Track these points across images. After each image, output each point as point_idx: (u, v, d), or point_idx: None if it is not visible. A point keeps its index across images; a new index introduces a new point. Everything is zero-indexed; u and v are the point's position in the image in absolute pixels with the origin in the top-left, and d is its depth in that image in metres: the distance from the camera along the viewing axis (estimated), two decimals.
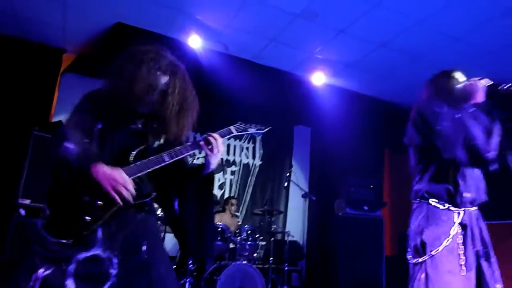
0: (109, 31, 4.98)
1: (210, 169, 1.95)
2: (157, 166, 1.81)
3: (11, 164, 4.56)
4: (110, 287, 1.62)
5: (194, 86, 1.98)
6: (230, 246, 4.87)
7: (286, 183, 6.01)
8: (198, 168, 1.98)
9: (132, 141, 1.86)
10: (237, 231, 5.02)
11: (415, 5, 4.15)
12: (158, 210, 1.89)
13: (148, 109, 1.85)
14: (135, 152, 1.82)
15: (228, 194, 6.73)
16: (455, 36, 4.62)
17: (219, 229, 4.83)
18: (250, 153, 7.17)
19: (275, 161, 7.23)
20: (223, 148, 1.92)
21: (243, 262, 4.53)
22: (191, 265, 4.60)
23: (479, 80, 2.07)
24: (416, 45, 4.87)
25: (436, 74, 2.28)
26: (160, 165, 1.81)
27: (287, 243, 5.35)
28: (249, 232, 4.94)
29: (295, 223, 6.70)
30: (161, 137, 1.97)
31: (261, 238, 5.20)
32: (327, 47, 5.09)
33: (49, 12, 4.70)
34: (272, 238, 5.15)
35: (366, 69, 5.57)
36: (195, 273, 4.67)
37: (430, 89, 2.24)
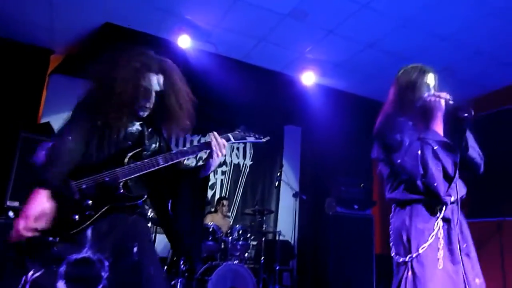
0: (97, 31, 4.94)
1: (210, 171, 1.93)
2: (151, 170, 1.81)
3: None
4: None
5: None
6: (222, 246, 4.87)
7: (277, 183, 6.03)
8: (195, 169, 1.97)
9: (128, 143, 1.86)
10: (229, 231, 5.02)
11: (403, 6, 4.19)
12: (149, 212, 1.88)
13: (146, 113, 1.87)
14: (130, 154, 1.82)
15: (219, 194, 6.72)
16: (443, 36, 4.67)
17: (210, 229, 4.82)
18: (240, 153, 7.18)
19: (266, 161, 7.25)
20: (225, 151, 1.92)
21: (234, 262, 4.54)
22: (182, 265, 4.59)
23: (442, 97, 2.00)
24: (404, 45, 4.91)
25: (408, 69, 2.23)
26: (154, 168, 1.81)
27: (278, 242, 5.37)
28: (240, 232, 4.95)
29: (286, 222, 6.71)
30: (157, 140, 1.98)
31: (252, 238, 5.21)
32: (316, 47, 5.11)
33: (36, 13, 4.65)
34: (263, 238, 5.16)
35: (355, 69, 5.61)
36: (186, 274, 4.66)
37: (397, 89, 2.19)
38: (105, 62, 1.85)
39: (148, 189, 1.91)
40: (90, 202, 1.70)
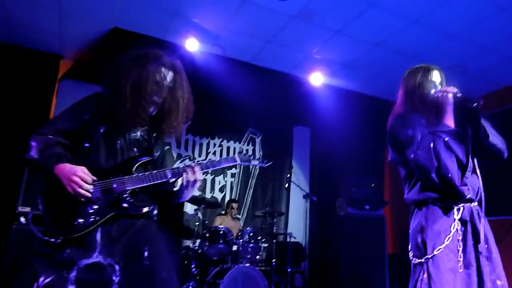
0: (106, 36, 4.97)
1: (182, 199, 1.92)
2: (159, 181, 1.82)
3: (11, 172, 4.55)
4: None
5: (192, 89, 2.01)
6: (232, 249, 4.86)
7: (286, 184, 6.01)
8: (169, 194, 1.96)
9: (134, 150, 1.87)
10: (239, 233, 5.01)
11: (411, 4, 4.15)
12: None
13: (155, 109, 1.89)
14: (139, 163, 1.83)
15: (229, 196, 6.72)
16: (452, 34, 4.62)
17: (221, 232, 4.82)
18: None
19: (275, 163, 7.20)
20: (200, 183, 1.90)
21: (245, 265, 4.52)
22: (193, 269, 4.59)
23: (448, 91, 2.04)
24: (412, 44, 4.87)
25: (413, 70, 2.25)
26: (162, 180, 1.82)
27: (289, 244, 5.34)
28: (251, 234, 4.93)
29: (297, 224, 6.69)
30: (161, 148, 1.98)
31: (263, 240, 5.19)
32: (324, 47, 5.09)
33: (45, 19, 4.69)
34: (274, 240, 5.14)
35: (363, 69, 5.57)
36: (198, 277, 4.66)
37: (404, 91, 2.21)
38: (119, 63, 1.89)
39: (154, 199, 1.91)
40: (96, 207, 1.70)
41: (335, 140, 6.81)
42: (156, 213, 1.91)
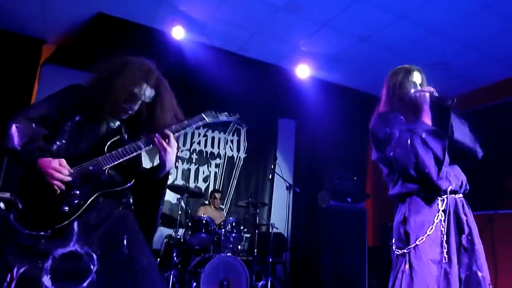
0: (90, 21, 4.87)
1: (167, 168, 1.88)
2: (133, 154, 1.81)
3: None
4: (90, 283, 1.60)
5: (177, 78, 2.01)
6: (215, 238, 4.87)
7: (270, 176, 6.02)
8: (153, 169, 1.94)
9: (108, 133, 1.87)
10: (222, 223, 5.02)
11: (397, 0, 4.18)
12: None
13: (126, 116, 1.90)
14: (109, 142, 1.82)
15: (213, 187, 6.72)
16: (436, 30, 4.67)
17: (204, 221, 4.82)
18: (234, 146, 7.17)
19: (260, 154, 7.24)
20: (176, 144, 1.90)
21: (227, 254, 4.54)
22: (175, 257, 4.59)
23: (426, 90, 2.12)
24: (398, 39, 4.91)
25: (395, 71, 2.32)
26: (136, 152, 1.81)
27: (272, 235, 5.38)
28: (233, 224, 4.95)
29: (280, 215, 6.72)
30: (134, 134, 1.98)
31: (246, 230, 5.22)
32: (310, 40, 5.09)
33: (28, 2, 4.58)
34: (257, 230, 5.16)
35: (349, 62, 5.60)
36: (179, 266, 4.67)
37: (386, 91, 2.29)
38: (112, 62, 1.88)
39: (133, 176, 1.89)
40: (78, 192, 1.69)
41: (320, 133, 6.85)
42: (132, 202, 1.91)
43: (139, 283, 1.65)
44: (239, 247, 5.07)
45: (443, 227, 1.96)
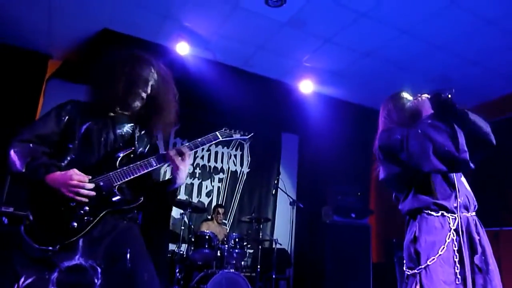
0: (95, 37, 4.94)
1: (177, 184, 1.89)
2: (145, 171, 1.80)
3: None
4: None
5: (182, 93, 2.02)
6: (218, 254, 4.83)
7: (274, 191, 6.00)
8: (163, 183, 1.95)
9: (119, 145, 1.86)
10: (225, 239, 4.99)
11: (400, 15, 4.21)
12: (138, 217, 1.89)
13: (139, 103, 1.92)
14: (122, 155, 1.81)
15: (216, 201, 6.69)
16: (439, 45, 4.69)
17: (207, 237, 4.79)
18: (238, 161, 7.16)
19: (263, 169, 7.23)
20: (190, 161, 1.91)
21: (230, 270, 4.50)
22: (178, 273, 4.55)
23: (420, 95, 2.13)
24: (401, 54, 4.94)
25: (386, 99, 2.33)
26: (148, 170, 1.81)
27: (275, 250, 5.34)
28: (236, 240, 4.91)
29: (283, 230, 6.68)
30: (147, 144, 1.97)
31: (249, 246, 5.17)
32: (314, 55, 5.13)
33: (34, 18, 4.64)
34: (260, 246, 5.12)
35: (352, 78, 5.62)
36: (182, 282, 4.62)
37: (384, 117, 2.28)
38: (102, 65, 1.96)
39: (143, 192, 1.89)
40: (87, 208, 1.68)
41: (323, 148, 6.84)
42: (140, 217, 1.90)
43: None
44: (242, 263, 5.02)
45: (455, 247, 1.89)
